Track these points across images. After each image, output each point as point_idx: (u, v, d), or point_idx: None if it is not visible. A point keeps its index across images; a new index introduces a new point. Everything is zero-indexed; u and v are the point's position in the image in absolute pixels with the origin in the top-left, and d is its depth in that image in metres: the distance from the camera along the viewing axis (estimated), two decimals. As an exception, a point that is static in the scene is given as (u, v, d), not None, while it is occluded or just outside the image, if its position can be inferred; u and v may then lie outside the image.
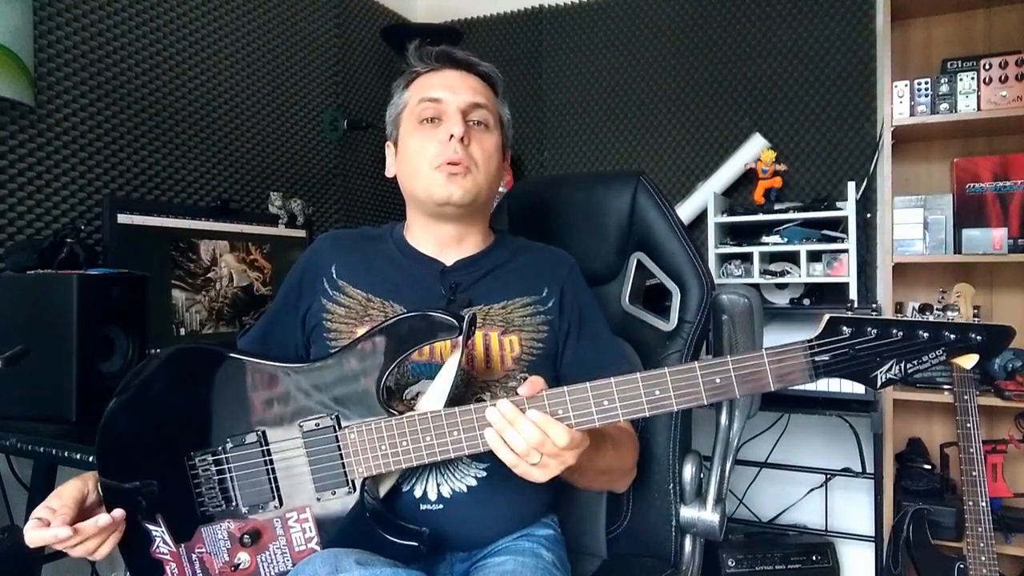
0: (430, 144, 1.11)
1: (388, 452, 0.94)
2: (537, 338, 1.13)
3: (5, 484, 1.61)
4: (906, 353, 0.82)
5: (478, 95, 1.14)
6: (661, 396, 0.86)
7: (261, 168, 2.29)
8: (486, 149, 1.13)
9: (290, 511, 0.96)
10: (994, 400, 2.02)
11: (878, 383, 0.82)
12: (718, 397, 0.85)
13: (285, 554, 0.96)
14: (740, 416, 1.25)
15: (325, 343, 1.12)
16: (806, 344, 0.83)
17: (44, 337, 1.39)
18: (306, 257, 1.22)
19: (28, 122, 1.67)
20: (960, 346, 0.81)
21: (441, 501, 1.03)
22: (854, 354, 0.82)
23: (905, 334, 0.82)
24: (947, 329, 0.81)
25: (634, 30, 2.72)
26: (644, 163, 2.71)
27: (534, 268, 1.19)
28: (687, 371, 0.86)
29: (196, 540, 0.98)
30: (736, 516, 2.50)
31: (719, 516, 1.23)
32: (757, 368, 0.84)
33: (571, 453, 0.89)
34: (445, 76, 1.15)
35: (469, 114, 1.12)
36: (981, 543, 1.79)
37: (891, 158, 2.13)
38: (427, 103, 1.12)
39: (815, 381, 0.84)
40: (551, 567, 1.04)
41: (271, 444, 0.97)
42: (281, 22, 2.39)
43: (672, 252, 1.33)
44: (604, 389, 0.87)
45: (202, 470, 0.98)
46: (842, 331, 0.83)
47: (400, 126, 1.18)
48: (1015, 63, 1.99)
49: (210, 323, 1.88)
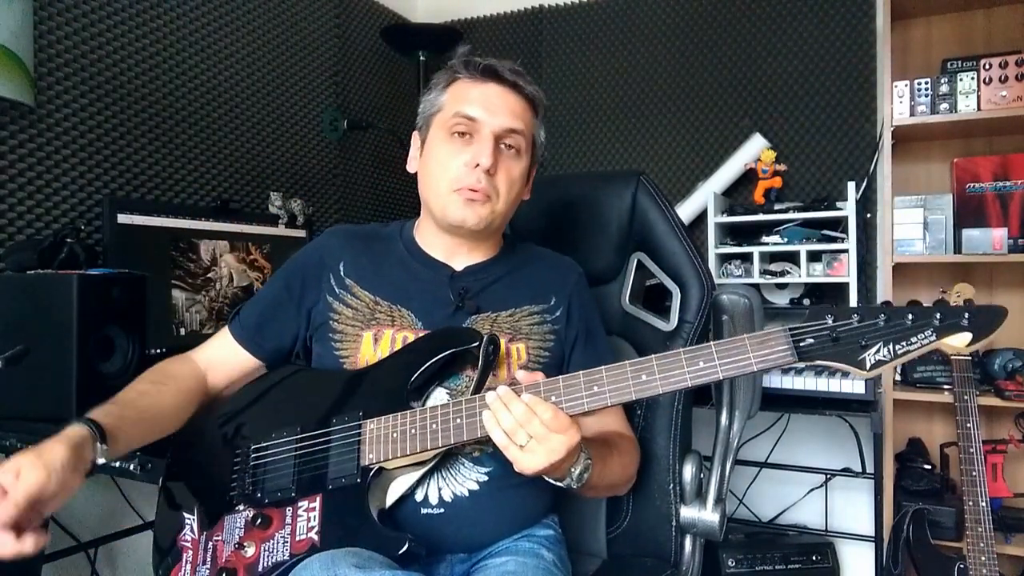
0: (455, 162, 1.08)
1: (398, 440, 0.98)
2: (544, 346, 1.13)
3: (5, 484, 1.61)
4: (893, 335, 0.83)
5: (516, 119, 1.10)
6: (647, 380, 0.90)
7: (261, 168, 2.29)
8: (511, 176, 1.11)
9: (302, 500, 0.99)
10: (994, 400, 2.02)
11: (867, 365, 0.83)
12: (702, 380, 0.88)
13: (286, 542, 0.98)
14: (740, 416, 1.26)
15: (330, 344, 1.12)
16: (788, 328, 0.85)
17: (44, 337, 1.39)
18: (313, 249, 1.20)
19: (28, 122, 1.67)
20: (949, 325, 0.81)
21: (442, 505, 1.03)
22: (837, 337, 0.84)
23: (890, 318, 0.83)
24: (935, 311, 0.82)
25: (634, 30, 2.72)
26: (644, 163, 2.71)
27: (542, 277, 1.19)
28: (672, 356, 0.89)
29: (217, 528, 1.01)
30: (736, 516, 2.50)
31: (719, 516, 1.23)
32: (739, 351, 0.86)
33: (559, 440, 0.89)
34: (486, 91, 1.10)
35: (503, 139, 1.09)
36: (981, 543, 1.79)
37: (891, 158, 2.13)
38: (462, 119, 1.08)
39: (799, 363, 0.85)
40: (552, 567, 1.05)
41: (305, 438, 1.03)
42: (281, 22, 2.39)
43: (672, 252, 1.34)
44: (594, 375, 0.92)
45: (243, 463, 1.04)
46: (825, 318, 0.85)
47: (431, 127, 1.14)
48: (1015, 63, 1.99)
49: (210, 323, 1.88)
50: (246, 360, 1.18)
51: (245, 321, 1.18)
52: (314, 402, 1.06)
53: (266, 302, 1.19)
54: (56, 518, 1.67)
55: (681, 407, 1.29)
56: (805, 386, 2.08)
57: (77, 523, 1.74)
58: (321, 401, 1.06)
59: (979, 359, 2.13)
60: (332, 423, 1.03)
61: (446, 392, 1.06)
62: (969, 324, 0.81)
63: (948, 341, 0.81)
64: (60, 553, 1.68)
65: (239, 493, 1.03)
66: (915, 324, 0.82)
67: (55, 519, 1.67)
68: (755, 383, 1.27)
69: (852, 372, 0.83)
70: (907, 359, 0.82)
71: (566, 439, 0.90)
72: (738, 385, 1.25)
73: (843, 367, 0.84)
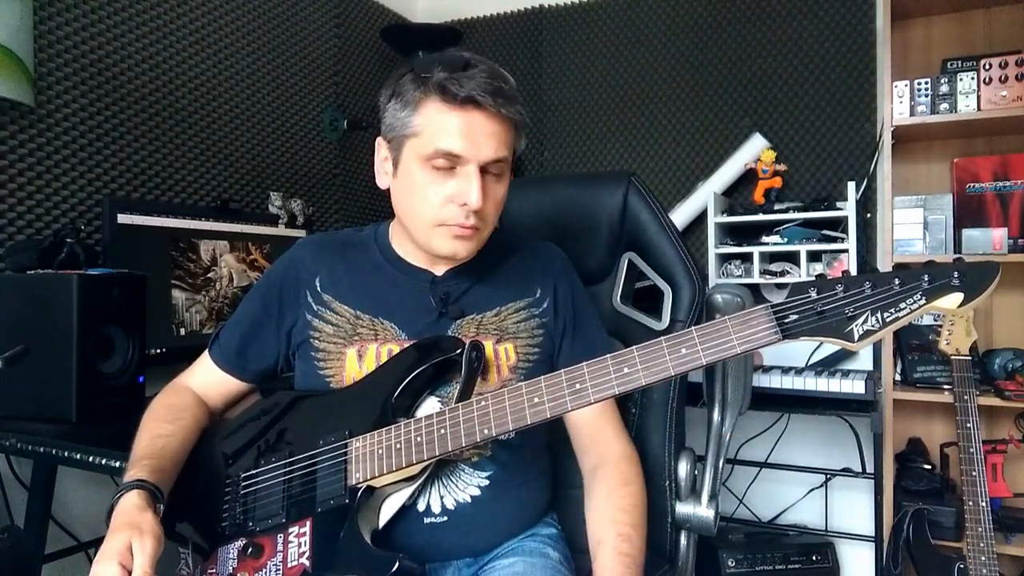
0: (438, 195, 1.00)
1: (383, 456, 0.96)
2: (532, 343, 1.11)
3: (5, 484, 1.61)
4: (881, 303, 0.78)
5: (501, 148, 1.00)
6: (630, 373, 0.85)
7: (261, 168, 2.30)
8: (497, 200, 1.04)
9: (292, 526, 0.97)
10: (994, 400, 2.01)
11: (855, 337, 0.78)
12: (685, 367, 0.84)
13: (279, 571, 0.96)
14: (731, 413, 1.26)
15: (314, 363, 1.09)
16: (769, 305, 0.81)
17: (44, 337, 1.39)
18: (285, 265, 1.14)
19: (28, 122, 1.67)
20: (939, 286, 0.76)
21: (445, 513, 1.02)
22: (822, 310, 0.79)
23: (876, 285, 0.78)
24: (923, 272, 0.77)
25: (634, 30, 2.72)
26: (644, 163, 2.71)
27: (525, 268, 1.16)
28: (654, 346, 0.85)
29: (210, 561, 1.00)
30: (736, 516, 2.49)
31: (713, 512, 1.24)
32: (721, 334, 0.82)
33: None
34: (469, 121, 0.97)
35: (488, 168, 1.01)
36: (981, 543, 1.79)
37: (891, 158, 2.13)
38: (443, 156, 0.98)
39: (783, 341, 0.80)
40: (559, 565, 1.05)
41: (293, 462, 1.01)
42: (281, 22, 2.39)
43: (663, 252, 1.34)
44: (576, 373, 0.88)
45: (233, 493, 1.03)
46: (808, 292, 0.80)
47: (403, 148, 1.02)
48: (1015, 63, 1.99)
49: (210, 323, 1.88)
50: (234, 384, 1.16)
51: (225, 345, 1.15)
52: (302, 425, 1.04)
53: (246, 323, 1.14)
54: (56, 518, 1.67)
55: (675, 405, 1.29)
56: (805, 386, 2.08)
57: (77, 523, 1.74)
58: (309, 424, 1.04)
59: (979, 359, 2.13)
60: (319, 444, 1.00)
61: (438, 400, 1.04)
62: (960, 283, 0.76)
63: (939, 303, 0.76)
64: (60, 553, 1.69)
65: (230, 524, 1.01)
66: (903, 288, 0.77)
67: (55, 519, 1.67)
68: (745, 380, 1.27)
69: (840, 345, 0.79)
70: (897, 326, 0.78)
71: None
72: (728, 382, 1.25)
73: (830, 341, 0.79)
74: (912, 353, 2.17)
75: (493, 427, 0.91)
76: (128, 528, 0.86)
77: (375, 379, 1.04)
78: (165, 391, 1.15)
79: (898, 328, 0.78)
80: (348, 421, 1.00)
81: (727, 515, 2.47)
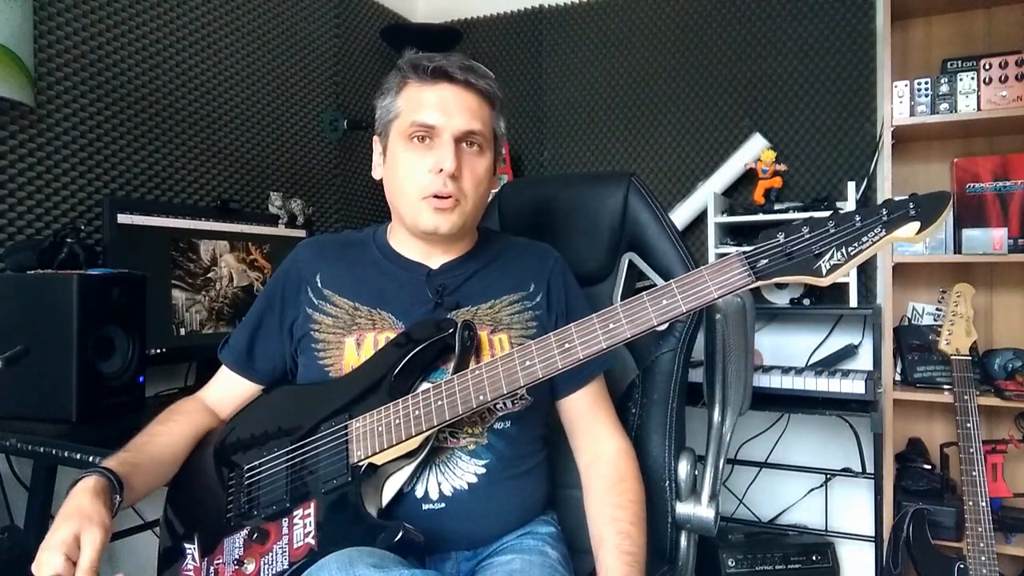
0: (419, 168, 1.07)
1: (383, 432, 0.99)
2: (526, 335, 1.13)
3: (5, 484, 1.61)
4: (845, 239, 0.84)
5: (474, 120, 1.08)
6: (615, 328, 0.91)
7: (261, 168, 2.30)
8: (477, 175, 1.10)
9: (297, 509, 1.00)
10: (994, 400, 2.01)
11: (823, 271, 0.84)
12: (667, 316, 0.89)
13: (284, 552, 0.98)
14: (732, 413, 1.27)
15: (314, 353, 1.12)
16: (742, 252, 0.87)
17: (44, 337, 1.39)
18: (287, 266, 1.19)
19: (28, 122, 1.67)
20: (895, 218, 0.83)
21: (443, 500, 1.04)
22: (790, 252, 0.85)
23: (839, 223, 0.84)
24: (882, 207, 0.84)
25: (634, 30, 2.72)
26: (644, 163, 2.71)
27: (520, 264, 1.19)
28: (636, 301, 0.91)
29: (217, 552, 1.02)
30: (736, 516, 2.49)
31: (713, 512, 1.24)
32: (698, 283, 0.88)
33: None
34: (441, 94, 1.07)
35: (463, 140, 1.08)
36: (981, 543, 1.79)
37: (891, 158, 2.12)
38: (419, 127, 1.07)
39: (756, 284, 0.87)
40: (557, 564, 1.05)
41: (294, 449, 1.04)
42: (281, 22, 2.39)
43: (663, 252, 1.34)
44: (564, 334, 0.93)
45: (238, 485, 1.05)
46: (776, 237, 0.87)
47: (390, 134, 1.12)
48: (1015, 63, 1.99)
49: (210, 323, 1.88)
50: (247, 387, 1.18)
51: (235, 347, 1.19)
52: (303, 415, 1.07)
53: (252, 323, 1.19)
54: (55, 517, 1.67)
55: (676, 405, 1.29)
56: (805, 386, 2.08)
57: (77, 522, 1.74)
58: (309, 412, 1.06)
59: (979, 359, 2.13)
60: (320, 430, 1.03)
61: (431, 387, 1.06)
62: (916, 213, 0.82)
63: (898, 233, 0.83)
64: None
65: (235, 514, 1.03)
66: (864, 223, 0.83)
67: (54, 519, 1.66)
68: (746, 379, 1.27)
69: (811, 281, 0.85)
70: (861, 259, 0.84)
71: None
72: (729, 382, 1.26)
73: (801, 279, 0.85)
74: (912, 353, 2.17)
75: (488, 392, 0.95)
76: (78, 517, 0.87)
77: (372, 364, 1.07)
78: (179, 400, 1.19)
79: (863, 261, 0.85)
80: (349, 405, 1.04)
81: (727, 515, 2.47)
